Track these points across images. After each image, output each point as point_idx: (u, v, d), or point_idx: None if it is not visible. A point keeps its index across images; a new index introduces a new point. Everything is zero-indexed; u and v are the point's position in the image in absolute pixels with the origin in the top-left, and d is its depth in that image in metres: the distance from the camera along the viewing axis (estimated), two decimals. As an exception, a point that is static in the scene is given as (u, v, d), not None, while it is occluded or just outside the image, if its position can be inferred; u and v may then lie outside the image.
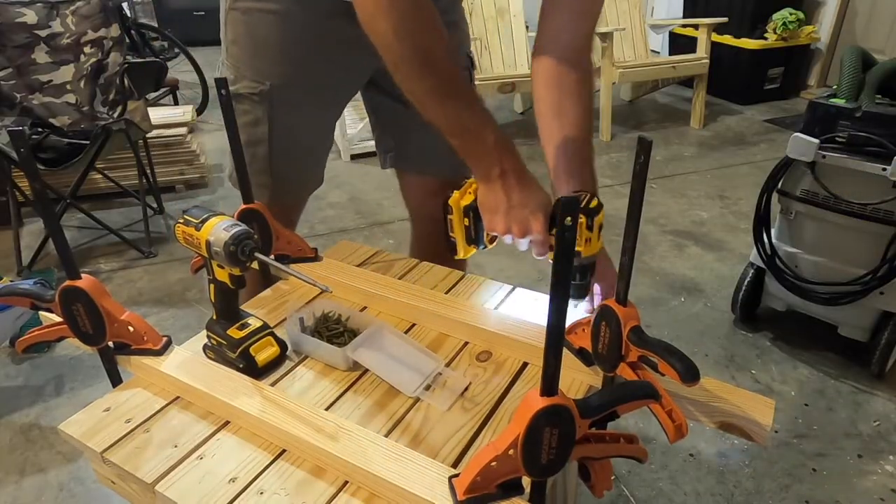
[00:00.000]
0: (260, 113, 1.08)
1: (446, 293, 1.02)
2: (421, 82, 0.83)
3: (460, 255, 0.97)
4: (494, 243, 0.96)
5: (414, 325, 0.96)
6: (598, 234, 0.84)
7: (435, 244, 1.21)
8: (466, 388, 0.83)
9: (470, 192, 0.92)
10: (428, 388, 0.83)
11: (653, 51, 4.12)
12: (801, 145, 1.60)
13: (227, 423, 0.78)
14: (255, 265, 0.77)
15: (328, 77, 1.06)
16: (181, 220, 0.79)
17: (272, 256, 1.05)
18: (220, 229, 0.76)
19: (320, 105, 1.12)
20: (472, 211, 0.91)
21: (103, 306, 0.78)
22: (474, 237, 0.94)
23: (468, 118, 0.85)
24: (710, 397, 0.75)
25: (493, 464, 0.59)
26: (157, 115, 2.87)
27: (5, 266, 2.29)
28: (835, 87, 1.66)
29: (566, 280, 0.50)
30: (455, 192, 0.93)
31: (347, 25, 0.90)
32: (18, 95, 2.31)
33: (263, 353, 0.85)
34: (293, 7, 1.00)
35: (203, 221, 0.77)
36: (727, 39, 4.03)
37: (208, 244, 0.76)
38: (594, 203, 0.84)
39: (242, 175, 0.97)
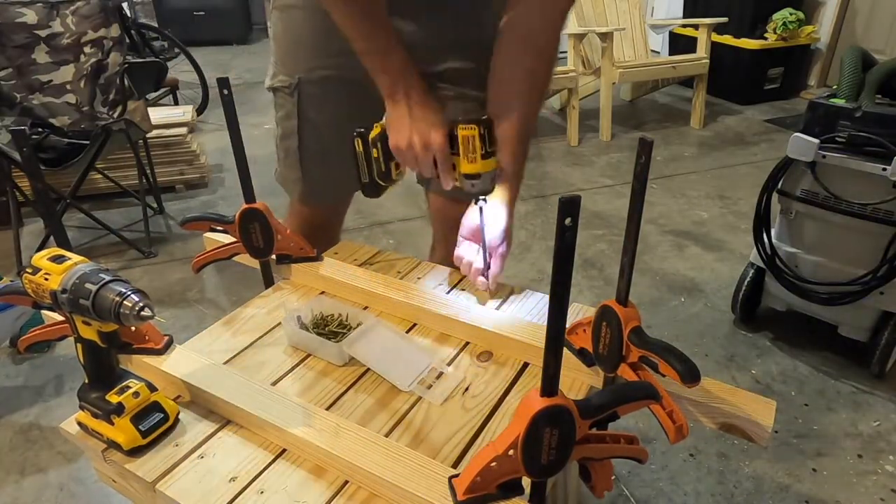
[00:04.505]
0: (290, 107, 1.13)
1: (447, 293, 1.02)
2: (338, 4, 0.91)
3: (370, 191, 1.01)
4: (400, 173, 1.00)
5: (415, 324, 0.96)
6: (489, 151, 0.89)
7: (452, 247, 1.28)
8: (467, 389, 0.83)
9: (377, 127, 0.97)
10: (423, 383, 0.83)
11: (653, 51, 4.12)
12: (801, 145, 1.61)
13: (228, 422, 0.78)
14: None
15: (355, 73, 1.03)
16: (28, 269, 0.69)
17: (274, 256, 1.05)
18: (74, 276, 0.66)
19: (348, 104, 1.12)
20: (380, 142, 0.96)
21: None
22: (384, 170, 0.98)
23: (378, 39, 0.93)
24: (710, 398, 0.75)
25: (493, 464, 0.59)
26: (157, 115, 2.87)
27: (5, 266, 2.29)
28: (835, 87, 1.66)
29: (566, 280, 0.50)
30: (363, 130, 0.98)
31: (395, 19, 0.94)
32: (18, 95, 2.31)
33: (149, 421, 0.73)
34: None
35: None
36: (727, 39, 4.04)
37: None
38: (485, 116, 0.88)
39: (244, 175, 0.97)
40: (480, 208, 0.94)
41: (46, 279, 0.67)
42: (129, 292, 0.64)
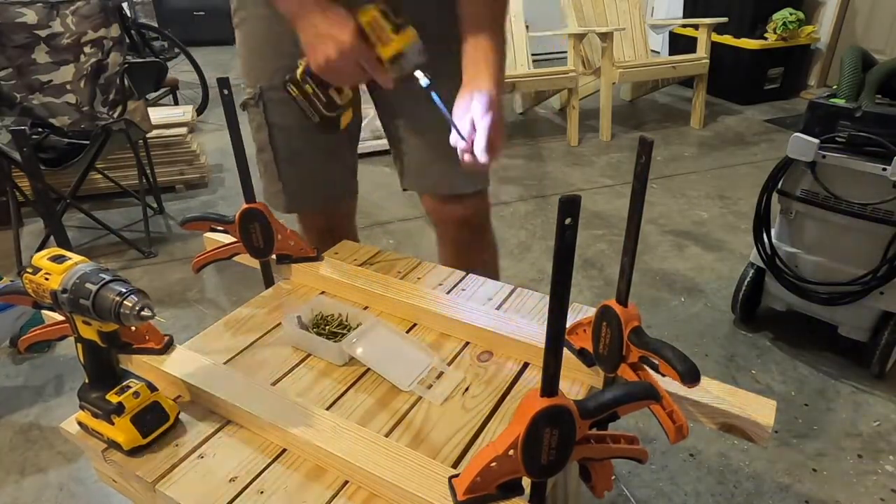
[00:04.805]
0: (260, 118, 1.12)
1: (448, 293, 1.02)
2: None
3: (328, 128, 0.97)
4: (345, 96, 0.95)
5: (415, 325, 0.96)
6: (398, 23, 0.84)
7: (457, 245, 1.27)
8: (467, 389, 0.83)
9: (301, 63, 0.92)
10: (423, 383, 0.83)
11: (653, 51, 4.12)
12: (801, 145, 1.60)
13: (228, 422, 0.78)
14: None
15: None
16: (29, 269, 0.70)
17: (274, 256, 1.05)
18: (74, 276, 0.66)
19: None
20: (308, 76, 0.92)
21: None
22: (327, 101, 0.94)
23: None
24: (711, 398, 0.75)
25: (493, 464, 0.59)
26: (157, 115, 2.87)
27: (5, 266, 2.29)
28: (835, 87, 1.66)
29: (566, 280, 0.50)
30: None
31: None
32: (18, 95, 2.31)
33: (149, 420, 0.73)
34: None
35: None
36: (727, 39, 4.03)
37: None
38: None
39: (244, 175, 0.97)
40: (427, 88, 0.87)
41: (47, 279, 0.67)
42: (129, 292, 0.64)
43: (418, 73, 0.87)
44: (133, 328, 0.84)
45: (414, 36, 0.86)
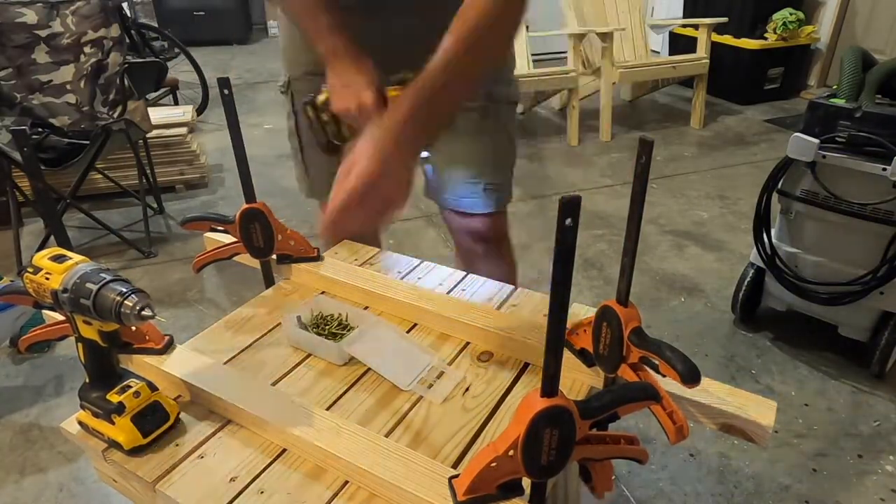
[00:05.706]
0: (289, 106, 1.17)
1: (448, 293, 1.02)
2: None
3: (331, 153, 1.00)
4: (354, 130, 0.98)
5: (415, 325, 0.96)
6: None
7: (469, 257, 1.32)
8: (468, 389, 0.83)
9: (325, 91, 0.96)
10: (423, 382, 0.83)
11: (653, 51, 4.12)
12: (801, 145, 1.61)
13: (228, 422, 0.78)
14: None
15: None
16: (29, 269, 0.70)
17: (274, 256, 1.05)
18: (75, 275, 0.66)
19: None
20: (328, 107, 0.96)
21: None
22: (338, 131, 0.98)
23: (312, 7, 0.93)
24: (711, 399, 0.75)
25: (493, 464, 0.59)
26: (157, 115, 2.87)
27: (5, 266, 2.29)
28: (835, 87, 1.66)
29: (566, 280, 0.50)
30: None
31: (360, 21, 0.93)
32: (18, 95, 2.31)
33: (149, 420, 0.73)
34: None
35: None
36: (727, 39, 4.04)
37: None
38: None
39: (244, 175, 0.96)
40: (423, 160, 0.93)
41: (47, 279, 0.67)
42: (129, 292, 0.64)
43: None
44: (133, 328, 0.84)
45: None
